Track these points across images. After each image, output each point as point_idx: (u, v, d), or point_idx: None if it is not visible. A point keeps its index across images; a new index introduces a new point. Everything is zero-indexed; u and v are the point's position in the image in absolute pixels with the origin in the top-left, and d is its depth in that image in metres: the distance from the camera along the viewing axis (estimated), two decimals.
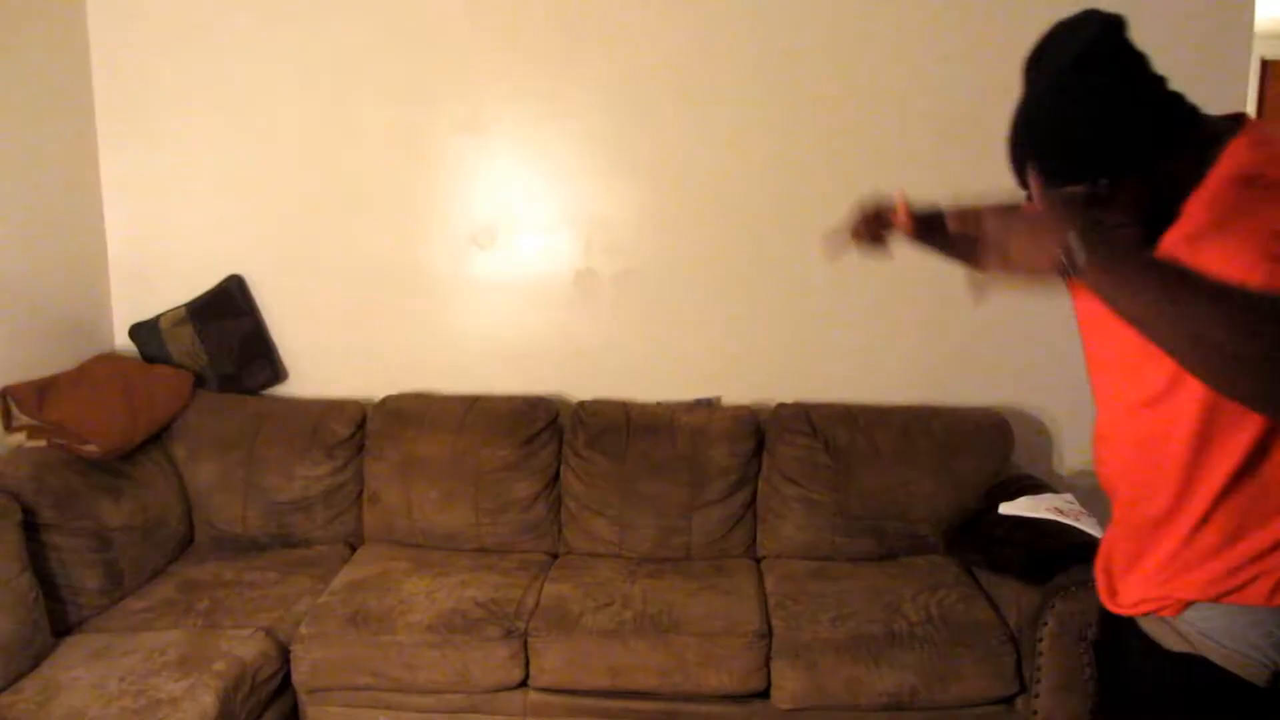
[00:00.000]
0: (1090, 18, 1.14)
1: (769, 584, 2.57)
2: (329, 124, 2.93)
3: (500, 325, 2.94)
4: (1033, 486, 2.58)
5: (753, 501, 2.78)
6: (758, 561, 2.75)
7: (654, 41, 2.83)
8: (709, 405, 2.93)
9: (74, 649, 2.22)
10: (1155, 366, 1.11)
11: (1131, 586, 1.19)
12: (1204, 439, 1.10)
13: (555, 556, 2.78)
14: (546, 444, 2.81)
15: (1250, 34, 2.72)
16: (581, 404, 2.87)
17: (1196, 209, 1.10)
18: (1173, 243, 1.11)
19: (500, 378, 2.98)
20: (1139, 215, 1.14)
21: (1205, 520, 1.12)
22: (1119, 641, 1.22)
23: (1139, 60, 1.16)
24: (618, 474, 2.74)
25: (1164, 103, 1.18)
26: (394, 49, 2.88)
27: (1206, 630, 1.11)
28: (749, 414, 2.83)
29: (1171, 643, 1.15)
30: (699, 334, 2.96)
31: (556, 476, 2.82)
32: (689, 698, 2.31)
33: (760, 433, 2.81)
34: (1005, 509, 2.48)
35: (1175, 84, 1.21)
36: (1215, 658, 1.10)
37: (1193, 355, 0.95)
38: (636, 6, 2.81)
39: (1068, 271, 0.99)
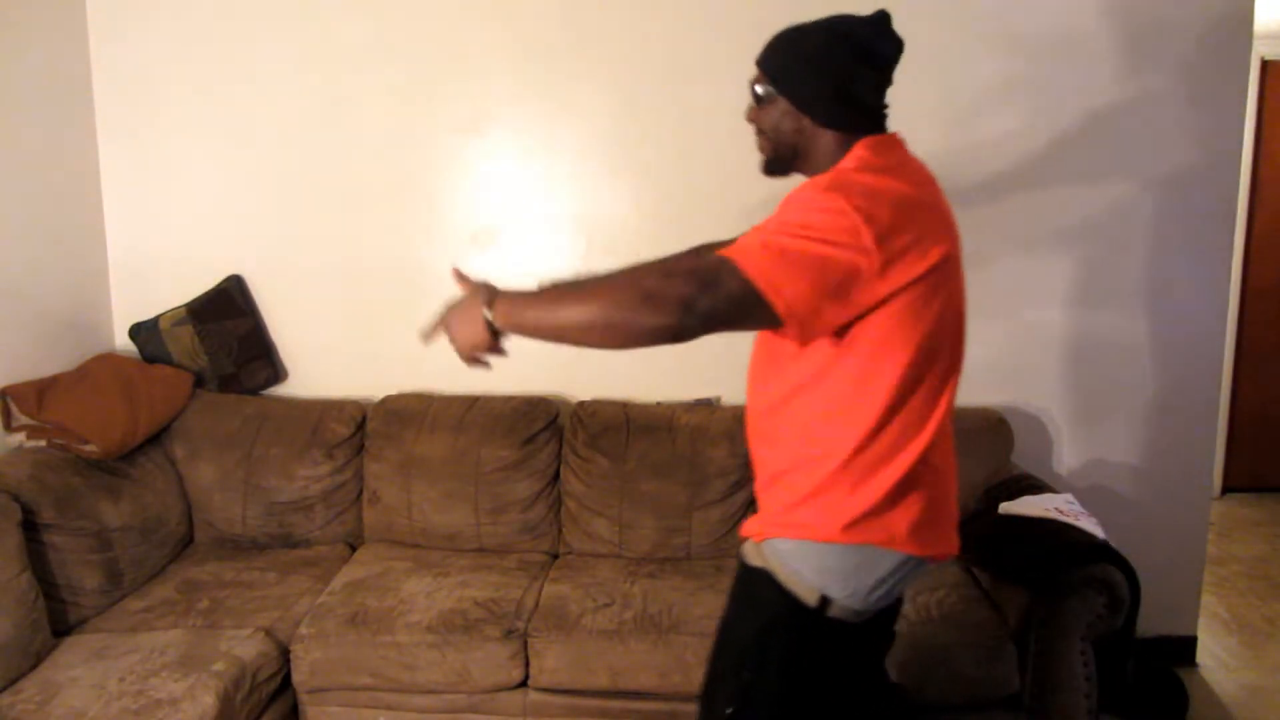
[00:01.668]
0: (878, 15, 1.43)
1: None
2: (329, 124, 2.93)
3: None
4: (1033, 486, 2.58)
5: (753, 501, 2.78)
6: None
7: (654, 41, 2.83)
8: (709, 405, 2.93)
9: (74, 649, 2.22)
10: (776, 381, 1.45)
11: (750, 521, 1.55)
12: (804, 440, 1.43)
13: (555, 557, 2.78)
14: (546, 444, 2.81)
15: (1250, 34, 2.72)
16: (581, 404, 2.87)
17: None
18: None
19: (500, 378, 2.96)
20: (774, 136, 1.47)
21: (778, 482, 1.49)
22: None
23: (875, 62, 1.41)
24: (618, 474, 2.74)
25: (857, 91, 1.40)
26: (394, 49, 2.88)
27: (779, 554, 1.46)
28: None
29: (753, 559, 1.51)
30: None
31: (556, 476, 2.82)
32: (689, 698, 2.30)
33: None
34: (1005, 509, 2.48)
35: (1175, 83, 1.24)
36: (779, 576, 1.44)
37: (588, 340, 1.30)
38: (637, 6, 2.81)
39: (495, 333, 1.37)
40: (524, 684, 2.35)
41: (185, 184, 2.98)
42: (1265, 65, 4.08)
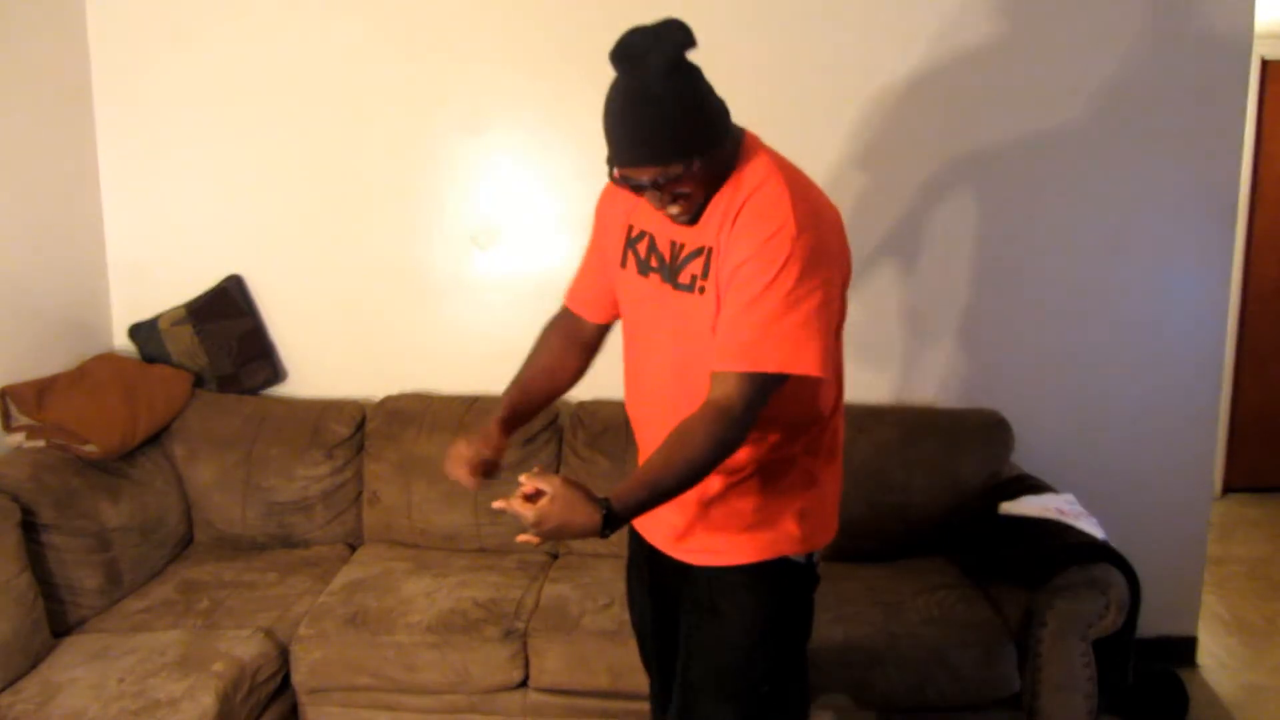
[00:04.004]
0: (673, 26, 1.37)
1: None
2: (329, 124, 2.92)
3: (500, 325, 2.93)
4: (1033, 486, 2.57)
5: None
6: None
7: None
8: None
9: (73, 649, 2.22)
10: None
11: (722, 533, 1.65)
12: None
13: (555, 557, 2.78)
14: (546, 444, 2.81)
15: (1250, 34, 2.72)
16: (581, 404, 2.87)
17: (721, 207, 1.44)
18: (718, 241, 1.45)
19: (500, 378, 2.93)
20: (707, 188, 1.43)
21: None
22: None
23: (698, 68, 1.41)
24: (618, 474, 2.74)
25: (716, 95, 1.44)
26: (394, 49, 2.88)
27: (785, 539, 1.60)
28: None
29: (747, 558, 1.60)
30: None
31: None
32: None
33: None
34: (1005, 509, 2.48)
35: (1175, 84, 1.25)
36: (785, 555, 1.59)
37: (698, 482, 1.42)
38: (637, 7, 2.80)
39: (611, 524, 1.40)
40: (524, 684, 2.35)
41: (185, 184, 2.98)
42: (1265, 65, 4.07)
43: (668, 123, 1.34)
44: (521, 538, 1.44)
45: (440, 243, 2.96)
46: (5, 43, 2.60)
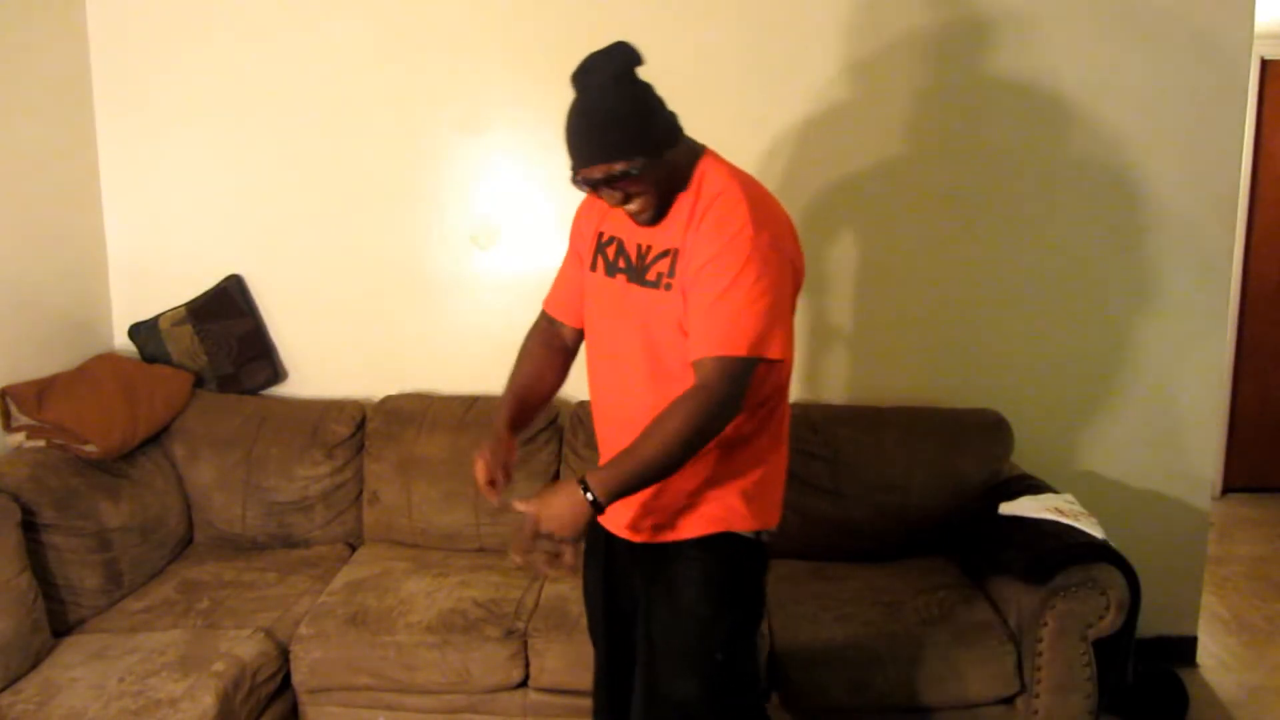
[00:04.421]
0: (621, 46, 1.57)
1: (769, 584, 2.56)
2: (329, 123, 2.93)
3: (500, 325, 2.92)
4: (1033, 486, 2.57)
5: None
6: None
7: (653, 42, 2.82)
8: None
9: (73, 649, 2.22)
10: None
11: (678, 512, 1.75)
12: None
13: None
14: (546, 444, 2.81)
15: (1250, 34, 2.72)
16: (581, 404, 2.86)
17: (684, 212, 1.61)
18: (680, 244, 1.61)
19: (500, 378, 2.94)
20: (658, 188, 1.58)
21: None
22: None
23: (647, 83, 1.60)
24: None
25: (665, 109, 1.61)
26: (394, 49, 2.88)
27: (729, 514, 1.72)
28: None
29: (694, 533, 1.71)
30: None
31: (557, 476, 2.82)
32: None
33: None
34: (1005, 509, 2.48)
35: (1175, 83, 1.26)
36: (732, 528, 1.70)
37: (681, 465, 1.54)
38: (637, 7, 2.81)
39: (597, 507, 1.51)
40: (524, 684, 2.35)
41: (185, 184, 2.98)
42: (1265, 65, 4.07)
43: (613, 124, 1.52)
44: (518, 559, 1.59)
45: (440, 243, 2.96)
46: (5, 44, 2.60)
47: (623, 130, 1.52)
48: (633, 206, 1.59)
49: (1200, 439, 2.92)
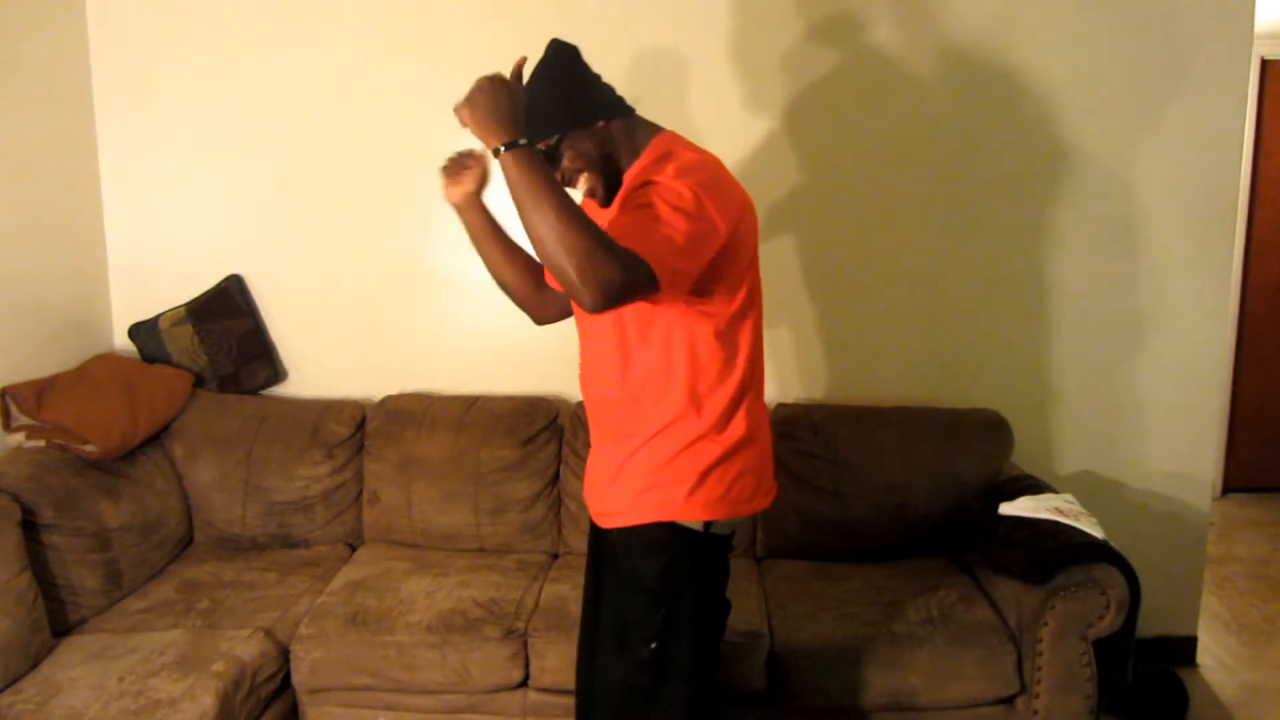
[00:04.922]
0: (550, 43, 1.72)
1: (769, 584, 2.57)
2: (329, 123, 2.93)
3: (500, 325, 2.93)
4: (1033, 486, 2.57)
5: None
6: (758, 561, 2.75)
7: (653, 42, 2.83)
8: None
9: (73, 649, 2.22)
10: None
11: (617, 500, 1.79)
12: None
13: (555, 556, 2.78)
14: (546, 444, 2.81)
15: (1250, 34, 2.72)
16: (581, 404, 2.87)
17: (627, 183, 1.69)
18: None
19: (500, 378, 2.98)
20: (589, 161, 1.68)
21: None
22: None
23: (578, 67, 1.72)
24: None
25: (591, 88, 1.70)
26: (394, 49, 2.88)
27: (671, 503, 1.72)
28: None
29: (634, 520, 1.73)
30: None
31: (556, 477, 2.82)
32: None
33: None
34: (1005, 509, 2.48)
35: (1175, 83, 1.26)
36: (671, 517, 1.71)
37: (535, 240, 1.43)
38: (637, 7, 2.81)
39: (498, 150, 1.48)
40: (524, 684, 2.35)
41: (185, 184, 2.98)
42: (1265, 65, 4.08)
43: (532, 110, 1.61)
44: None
45: (440, 243, 2.96)
46: (5, 43, 2.60)
47: (541, 112, 1.63)
48: (582, 186, 1.69)
49: (1200, 439, 2.92)
